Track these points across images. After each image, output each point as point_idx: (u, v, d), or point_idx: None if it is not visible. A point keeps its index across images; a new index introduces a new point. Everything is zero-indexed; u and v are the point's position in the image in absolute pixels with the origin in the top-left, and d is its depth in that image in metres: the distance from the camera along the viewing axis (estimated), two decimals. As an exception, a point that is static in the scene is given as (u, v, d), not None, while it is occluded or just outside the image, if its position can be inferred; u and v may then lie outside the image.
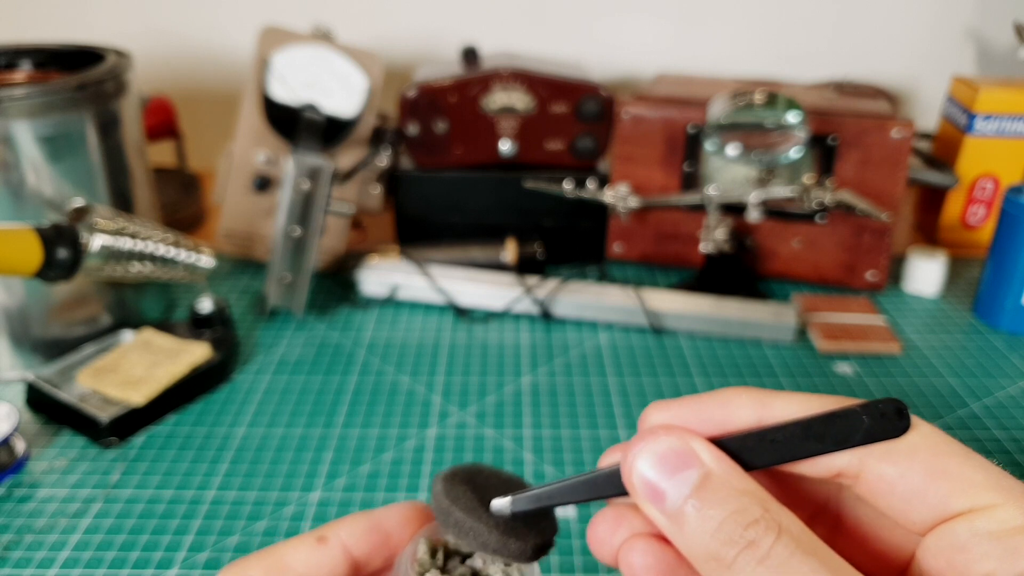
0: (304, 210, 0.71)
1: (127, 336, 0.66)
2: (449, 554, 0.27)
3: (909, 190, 0.94)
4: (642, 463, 0.22)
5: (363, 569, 0.27)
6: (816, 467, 0.23)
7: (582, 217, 0.83)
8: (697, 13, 1.04)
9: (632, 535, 0.24)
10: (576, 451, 0.57)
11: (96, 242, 0.56)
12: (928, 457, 0.22)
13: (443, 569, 0.27)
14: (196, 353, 0.62)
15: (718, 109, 0.72)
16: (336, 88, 0.76)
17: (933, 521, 0.22)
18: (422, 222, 0.83)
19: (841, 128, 0.75)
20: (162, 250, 0.60)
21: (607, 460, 0.25)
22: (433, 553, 0.27)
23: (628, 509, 0.24)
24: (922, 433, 0.22)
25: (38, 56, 0.72)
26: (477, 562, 0.26)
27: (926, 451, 0.22)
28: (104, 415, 0.57)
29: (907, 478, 0.22)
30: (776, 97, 0.71)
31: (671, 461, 0.22)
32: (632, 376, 0.66)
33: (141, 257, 0.59)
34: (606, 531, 0.24)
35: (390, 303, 0.77)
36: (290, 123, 0.75)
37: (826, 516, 0.26)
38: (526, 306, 0.74)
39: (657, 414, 0.24)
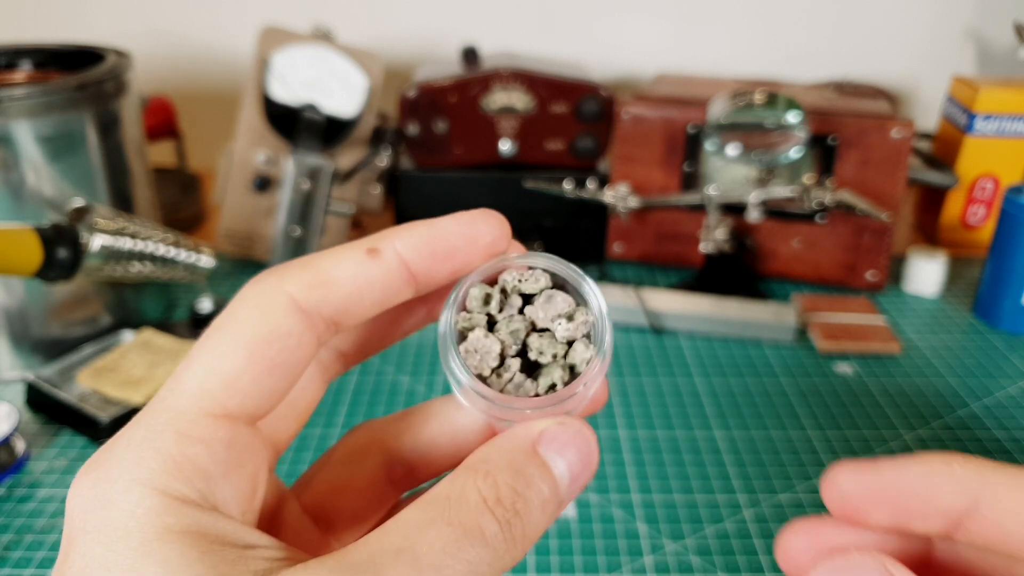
0: (304, 210, 0.71)
1: (127, 336, 0.66)
2: (506, 300, 0.22)
3: (909, 190, 0.94)
4: None
5: (422, 288, 0.22)
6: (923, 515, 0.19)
7: (582, 217, 0.83)
8: (697, 13, 1.04)
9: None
10: (576, 451, 0.57)
11: (96, 242, 0.56)
12: None
13: (492, 321, 0.22)
14: (196, 353, 0.62)
15: (718, 109, 0.72)
16: (336, 88, 0.76)
17: None
18: (422, 222, 0.83)
19: (841, 128, 0.75)
20: (162, 250, 0.60)
21: (789, 542, 0.21)
22: (487, 300, 0.22)
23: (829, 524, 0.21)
24: None
25: (38, 56, 0.72)
26: (538, 313, 0.22)
27: None
28: (104, 415, 0.57)
29: None
30: (776, 97, 0.71)
31: None
32: (632, 376, 0.66)
33: (141, 257, 0.59)
34: (801, 546, 0.21)
35: (390, 303, 0.77)
36: (290, 123, 0.75)
37: None
38: (526, 306, 0.74)
39: (847, 481, 0.21)
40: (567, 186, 0.79)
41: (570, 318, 0.22)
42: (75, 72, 0.64)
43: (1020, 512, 0.18)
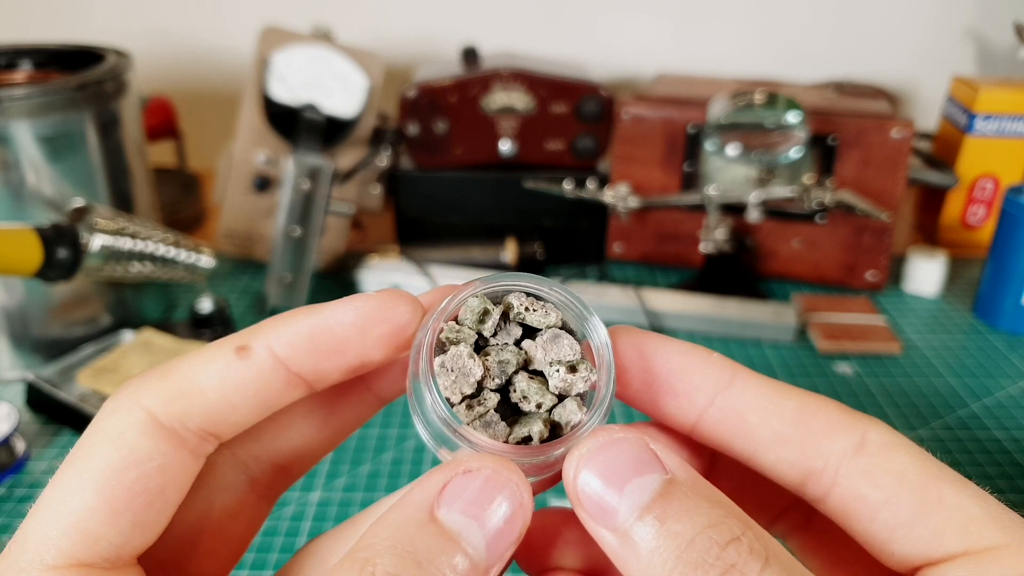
0: (304, 210, 0.71)
1: (127, 336, 0.66)
2: (505, 325, 0.19)
3: (909, 190, 0.94)
4: (587, 474, 0.17)
5: (316, 385, 0.20)
6: (781, 463, 0.19)
7: (582, 217, 0.83)
8: (697, 13, 1.04)
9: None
10: (576, 451, 0.57)
11: (96, 242, 0.56)
12: (919, 483, 0.18)
13: (481, 342, 0.19)
14: (196, 353, 0.62)
15: (718, 109, 0.72)
16: (336, 88, 0.76)
17: (919, 559, 0.18)
18: (422, 222, 0.83)
19: (841, 128, 0.75)
20: (162, 250, 0.60)
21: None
22: (483, 316, 0.19)
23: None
24: (911, 454, 0.18)
25: (38, 56, 0.72)
26: (538, 351, 0.19)
27: (916, 475, 0.18)
28: (104, 415, 0.57)
29: (893, 505, 0.18)
30: (776, 97, 0.71)
31: (624, 468, 0.17)
32: (632, 376, 0.66)
33: (141, 257, 0.59)
34: (543, 542, 0.20)
35: (390, 303, 0.77)
36: (290, 123, 0.75)
37: (797, 512, 0.22)
38: (526, 306, 0.74)
39: (619, 340, 0.20)
40: (567, 186, 0.79)
41: (572, 369, 0.18)
42: (75, 72, 0.64)
43: (761, 404, 0.19)
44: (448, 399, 0.18)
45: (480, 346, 0.19)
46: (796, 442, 0.19)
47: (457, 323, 0.19)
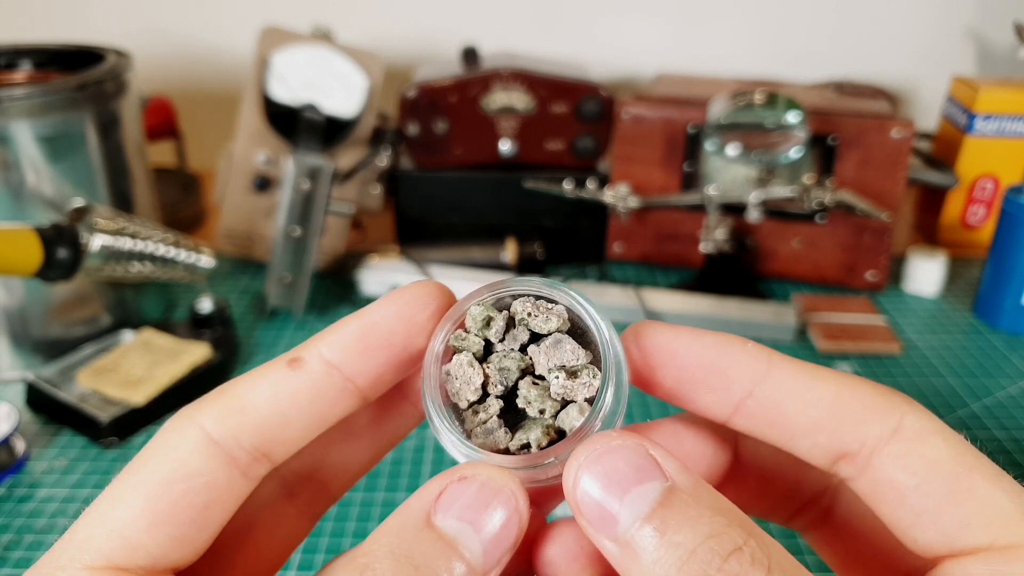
0: (304, 210, 0.71)
1: (127, 336, 0.66)
2: (511, 330, 0.19)
3: (909, 190, 0.94)
4: (586, 481, 0.17)
5: (369, 391, 0.19)
6: (816, 448, 0.19)
7: (582, 217, 0.83)
8: (697, 13, 1.04)
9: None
10: (576, 451, 0.57)
11: (96, 242, 0.56)
12: (951, 471, 0.18)
13: (490, 349, 0.19)
14: (196, 353, 0.62)
15: (718, 109, 0.72)
16: (336, 88, 0.76)
17: (943, 549, 0.17)
18: (422, 222, 0.83)
19: (841, 128, 0.75)
20: (162, 250, 0.60)
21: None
22: (488, 323, 0.19)
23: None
24: (947, 441, 0.18)
25: (38, 56, 0.72)
26: (540, 357, 0.19)
27: (950, 463, 0.18)
28: (104, 415, 0.57)
29: (923, 492, 0.18)
30: (776, 97, 0.71)
31: (623, 476, 0.17)
32: (632, 376, 0.66)
33: (141, 257, 0.59)
34: (561, 555, 0.19)
35: (390, 303, 0.77)
36: (290, 123, 0.75)
37: (816, 506, 0.23)
38: (526, 306, 0.74)
39: (647, 335, 0.20)
40: (567, 186, 0.79)
41: (573, 374, 0.18)
42: (75, 72, 0.64)
43: (798, 392, 0.19)
44: (456, 406, 0.19)
45: (490, 351, 0.19)
46: (832, 428, 0.19)
47: (464, 331, 0.19)
